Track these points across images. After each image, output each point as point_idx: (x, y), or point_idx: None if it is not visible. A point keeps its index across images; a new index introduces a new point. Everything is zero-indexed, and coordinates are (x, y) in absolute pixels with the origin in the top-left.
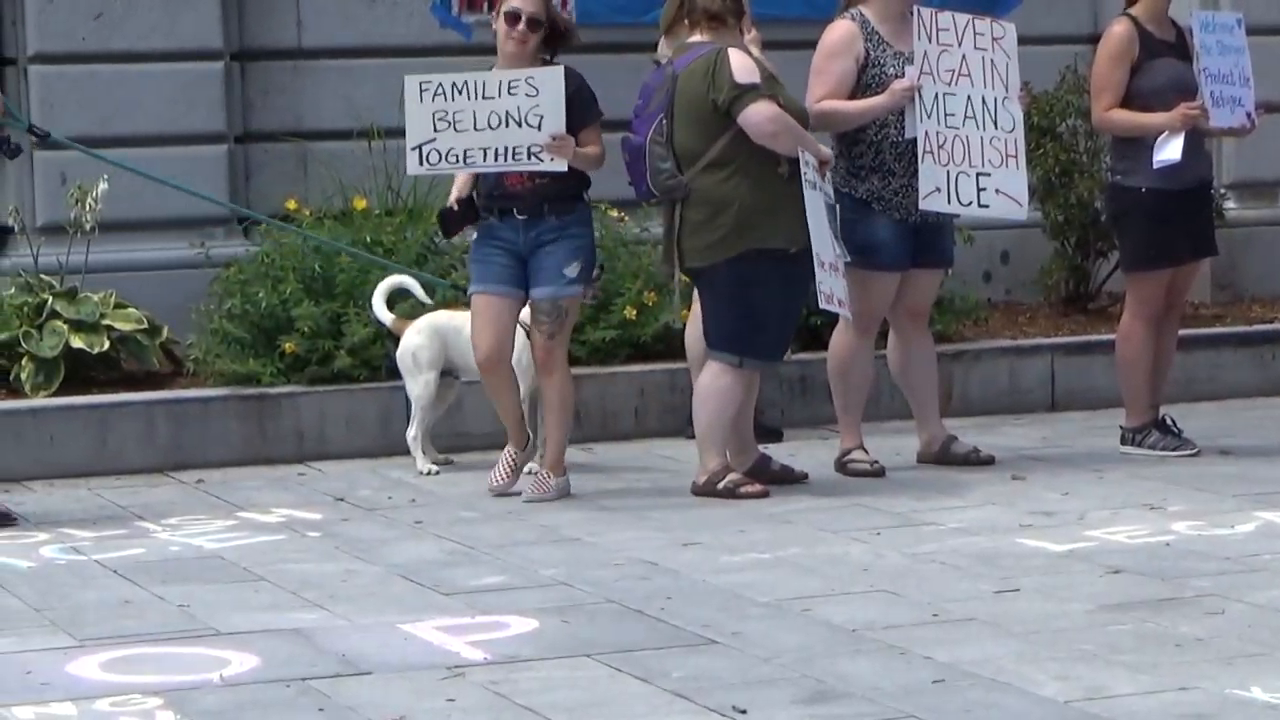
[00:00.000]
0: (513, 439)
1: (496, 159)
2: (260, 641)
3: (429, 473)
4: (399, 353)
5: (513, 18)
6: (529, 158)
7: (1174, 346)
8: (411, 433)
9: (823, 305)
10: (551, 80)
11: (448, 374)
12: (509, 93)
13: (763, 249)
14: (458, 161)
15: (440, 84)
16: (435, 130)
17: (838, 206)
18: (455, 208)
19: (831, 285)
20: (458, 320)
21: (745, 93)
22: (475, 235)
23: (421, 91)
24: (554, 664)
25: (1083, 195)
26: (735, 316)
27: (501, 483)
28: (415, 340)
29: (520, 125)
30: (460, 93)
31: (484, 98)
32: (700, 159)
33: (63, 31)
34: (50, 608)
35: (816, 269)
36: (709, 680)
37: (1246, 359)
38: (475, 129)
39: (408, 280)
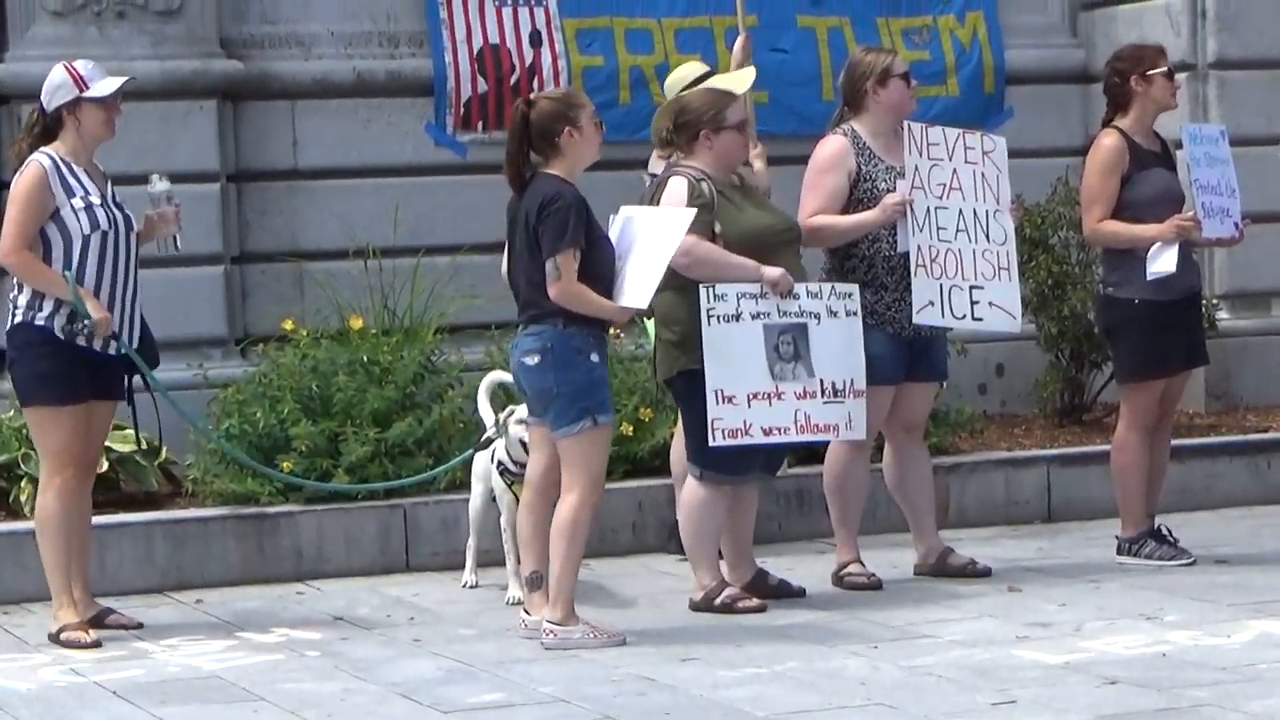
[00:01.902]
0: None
1: None
2: None
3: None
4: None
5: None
6: None
7: (1168, 455)
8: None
9: (713, 441)
10: None
11: None
12: None
13: (699, 369)
14: None
15: None
16: None
17: (811, 323)
18: None
19: (745, 417)
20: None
21: None
22: (596, 356)
23: None
24: None
25: (1075, 307)
26: (691, 431)
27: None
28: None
29: None
30: None
31: None
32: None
33: None
34: None
35: (711, 404)
36: None
37: (1242, 468)
38: None
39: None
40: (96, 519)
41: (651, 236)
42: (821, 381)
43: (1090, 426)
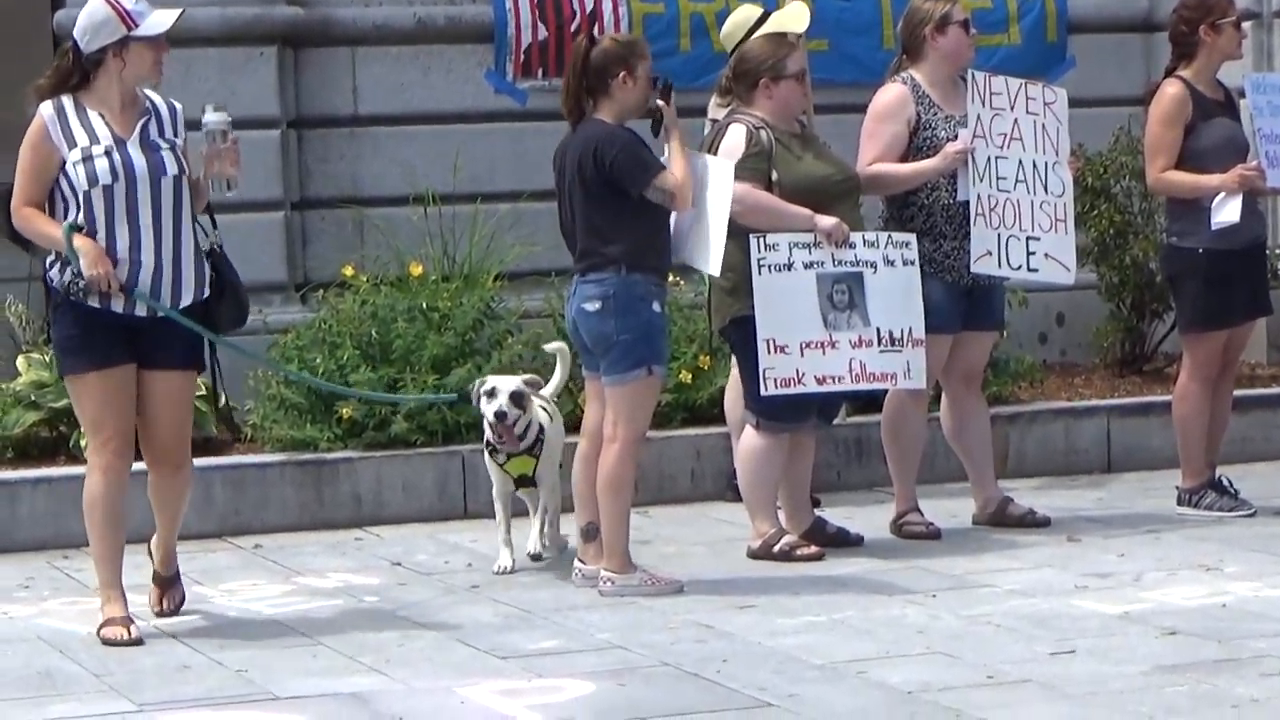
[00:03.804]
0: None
1: None
2: (318, 706)
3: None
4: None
5: None
6: None
7: (1229, 407)
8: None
9: (765, 390)
10: None
11: None
12: None
13: (753, 316)
14: None
15: None
16: None
17: (867, 272)
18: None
19: (798, 366)
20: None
21: None
22: (657, 305)
23: None
24: None
25: (1137, 256)
26: (747, 378)
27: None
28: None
29: None
30: None
31: None
32: None
33: None
34: (110, 673)
35: (763, 353)
36: None
37: None
38: None
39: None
40: None
41: (706, 195)
42: (878, 330)
43: (1150, 376)
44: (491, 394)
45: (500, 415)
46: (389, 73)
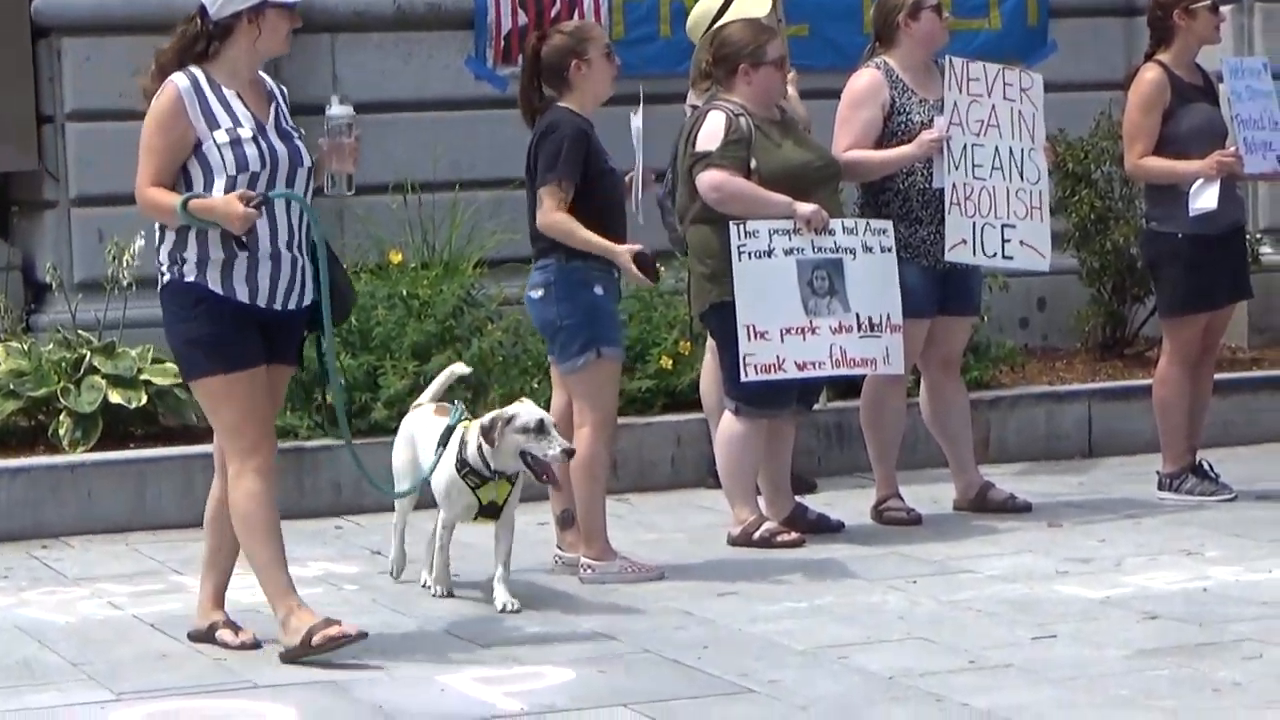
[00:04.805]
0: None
1: None
2: (297, 694)
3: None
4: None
5: None
6: None
7: (1210, 390)
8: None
9: (745, 376)
10: None
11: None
12: None
13: (732, 302)
14: None
15: None
16: None
17: (847, 258)
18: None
19: (779, 352)
20: (420, 421)
21: (699, 160)
22: (600, 288)
23: None
24: (590, 714)
25: (1118, 241)
26: (726, 365)
27: None
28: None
29: None
30: None
31: None
32: (688, 213)
33: (99, 89)
34: (88, 662)
35: (743, 339)
36: None
37: None
38: None
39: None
40: (136, 453)
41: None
42: (858, 316)
43: (1131, 361)
44: (542, 429)
45: (569, 453)
46: (369, 60)
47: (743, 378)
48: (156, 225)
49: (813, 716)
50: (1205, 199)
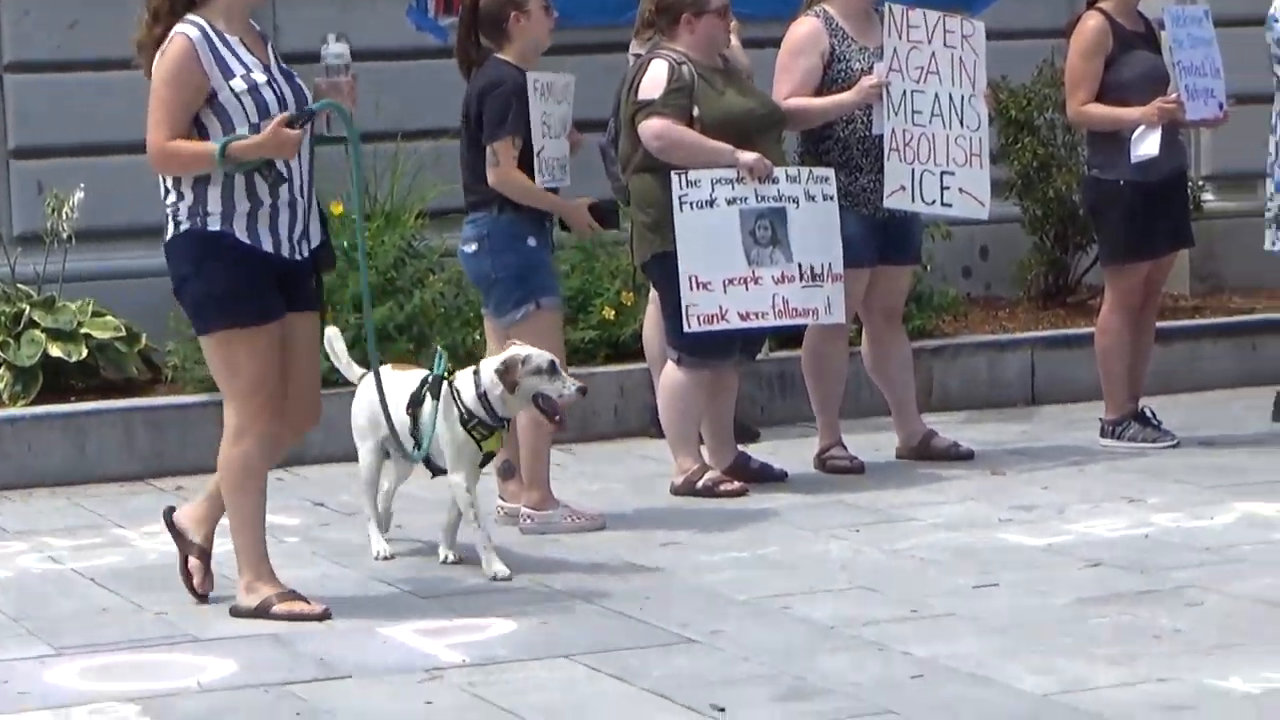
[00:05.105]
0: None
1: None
2: (238, 647)
3: (380, 556)
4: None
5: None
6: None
7: (1152, 338)
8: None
9: (688, 327)
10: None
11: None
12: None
13: (675, 251)
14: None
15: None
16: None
17: (790, 207)
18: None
19: (721, 303)
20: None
21: (641, 108)
22: (534, 240)
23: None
24: (532, 665)
25: (1061, 189)
26: (669, 315)
27: None
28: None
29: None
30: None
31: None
32: (631, 162)
33: (37, 40)
34: (28, 617)
35: (686, 290)
36: (688, 679)
37: (1226, 350)
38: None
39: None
40: (76, 406)
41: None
42: (800, 265)
43: (1074, 309)
44: (554, 369)
45: (584, 391)
46: (309, 9)
47: (685, 328)
48: (166, 179)
49: (754, 666)
50: (1147, 146)
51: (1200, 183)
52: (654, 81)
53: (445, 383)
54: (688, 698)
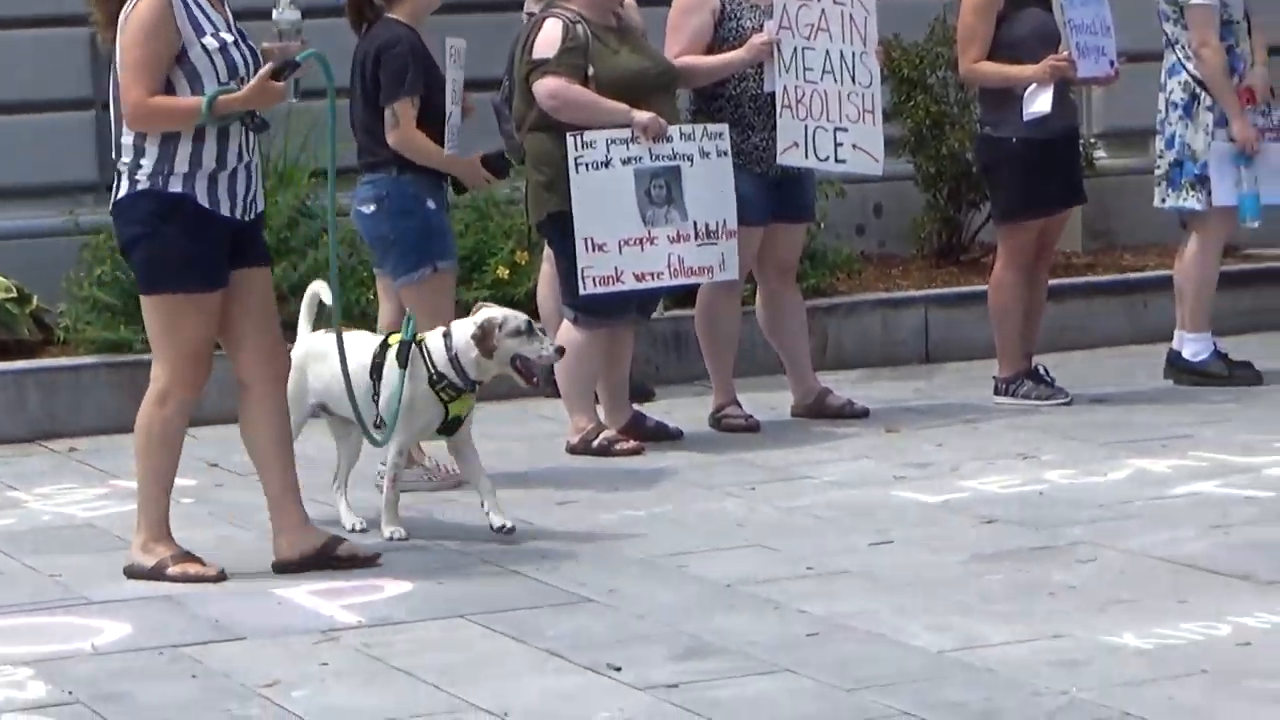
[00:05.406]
0: None
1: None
2: (133, 609)
3: (354, 528)
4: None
5: None
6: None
7: (1045, 295)
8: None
9: (585, 289)
10: None
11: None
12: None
13: (569, 211)
14: None
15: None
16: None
17: (684, 165)
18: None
19: (617, 264)
20: (322, 345)
21: (536, 67)
22: (433, 203)
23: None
24: (428, 625)
25: (954, 147)
26: (564, 275)
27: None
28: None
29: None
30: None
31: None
32: (525, 120)
33: None
34: None
35: (582, 252)
36: (584, 638)
37: (1118, 308)
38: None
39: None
40: None
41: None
42: (695, 224)
43: (968, 267)
44: (531, 330)
45: (562, 351)
46: None
47: (582, 290)
48: (124, 138)
49: (650, 625)
50: (1039, 103)
51: (1092, 140)
52: (548, 40)
53: (414, 345)
54: (584, 657)
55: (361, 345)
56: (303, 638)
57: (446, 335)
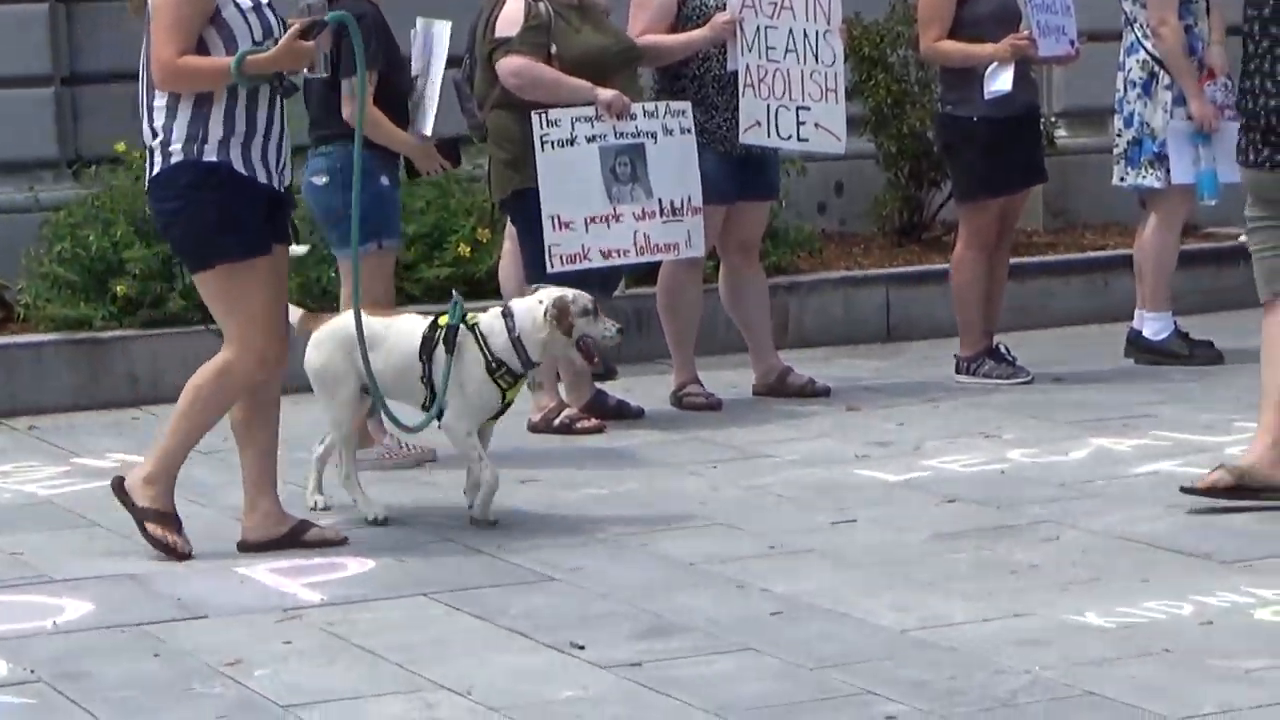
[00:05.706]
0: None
1: None
2: (95, 587)
3: (375, 520)
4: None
5: None
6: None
7: (1006, 274)
8: (343, 471)
9: (552, 268)
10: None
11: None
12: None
13: (533, 188)
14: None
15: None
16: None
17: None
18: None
19: (584, 241)
20: (374, 328)
21: (498, 45)
22: (386, 179)
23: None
24: (391, 604)
25: (915, 125)
26: (527, 252)
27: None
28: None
29: None
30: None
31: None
32: (488, 99)
33: None
34: None
35: (548, 230)
36: (547, 617)
37: (1079, 286)
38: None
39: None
40: None
41: (435, 56)
42: (660, 201)
43: (929, 245)
44: (596, 311)
45: (623, 330)
46: None
47: (549, 269)
48: (156, 103)
49: (613, 604)
50: (1001, 82)
51: (1053, 119)
52: (510, 18)
53: (465, 329)
54: (547, 635)
55: (410, 327)
56: (265, 616)
57: (507, 315)
